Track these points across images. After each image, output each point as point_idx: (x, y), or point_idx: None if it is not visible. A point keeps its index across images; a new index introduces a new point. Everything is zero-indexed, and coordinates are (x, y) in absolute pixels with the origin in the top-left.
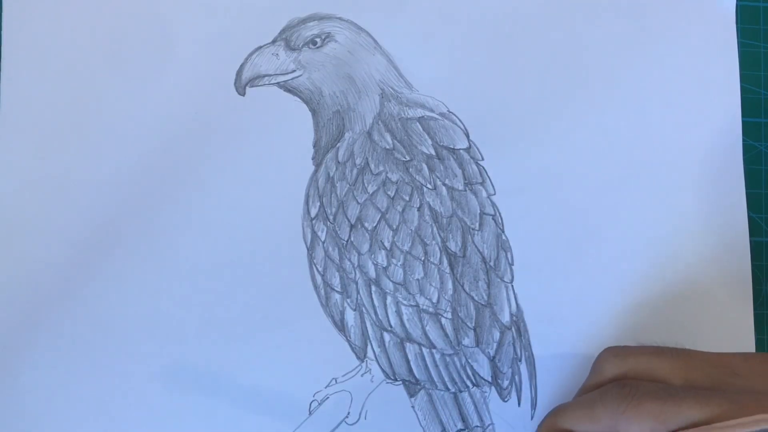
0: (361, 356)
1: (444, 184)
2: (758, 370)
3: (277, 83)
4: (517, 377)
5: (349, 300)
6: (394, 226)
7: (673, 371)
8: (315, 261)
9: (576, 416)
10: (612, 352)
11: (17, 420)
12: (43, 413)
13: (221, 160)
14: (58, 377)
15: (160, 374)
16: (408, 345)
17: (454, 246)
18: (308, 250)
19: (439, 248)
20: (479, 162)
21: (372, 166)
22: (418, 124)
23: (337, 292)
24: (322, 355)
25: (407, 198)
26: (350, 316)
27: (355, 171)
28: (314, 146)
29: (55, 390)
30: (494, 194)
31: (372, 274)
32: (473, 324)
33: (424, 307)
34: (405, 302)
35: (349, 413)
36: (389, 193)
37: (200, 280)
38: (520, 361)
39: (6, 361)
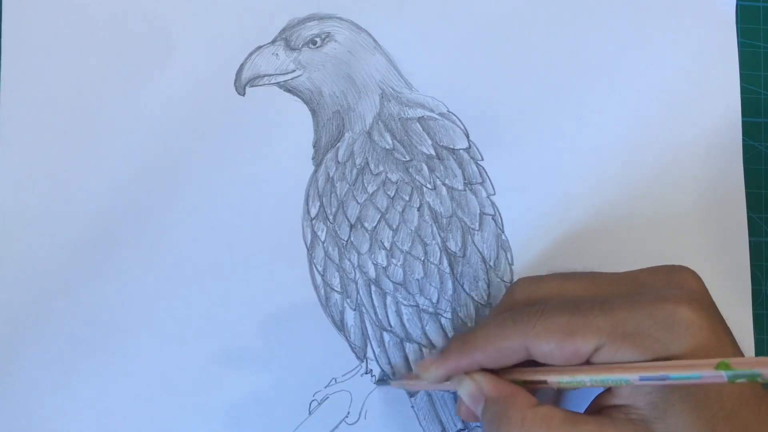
0: (361, 356)
1: (444, 184)
2: (664, 280)
3: (277, 83)
4: None
5: (348, 300)
6: (394, 226)
7: (583, 291)
8: (315, 261)
9: (486, 335)
10: (524, 280)
11: (17, 420)
12: (42, 413)
13: (221, 160)
14: (58, 377)
15: (160, 374)
16: (408, 345)
17: (454, 246)
18: (308, 250)
19: (439, 248)
20: (479, 162)
21: (372, 166)
22: (418, 124)
23: (336, 292)
24: (322, 355)
25: (407, 198)
26: (350, 316)
27: (354, 171)
28: (314, 146)
29: (55, 390)
30: (494, 194)
31: (372, 274)
32: (473, 324)
33: (424, 307)
34: (405, 302)
35: (349, 413)
36: (389, 193)
37: (200, 280)
38: None
39: (6, 360)
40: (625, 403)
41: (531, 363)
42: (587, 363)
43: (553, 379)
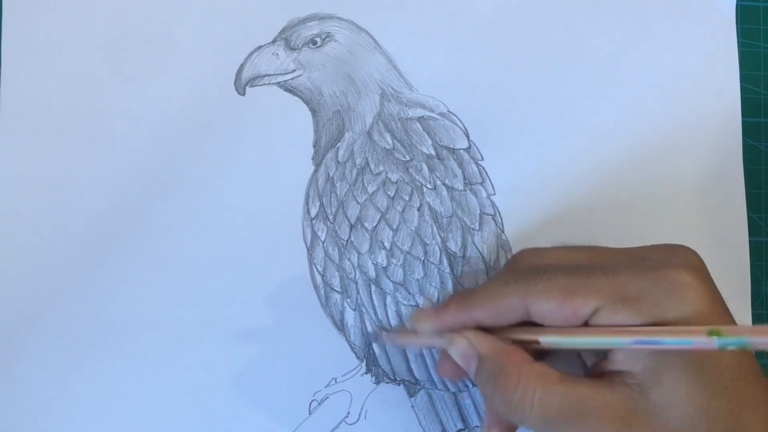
0: (361, 356)
1: (444, 184)
2: (665, 254)
3: (277, 83)
4: None
5: (348, 300)
6: (394, 226)
7: (586, 260)
8: (315, 261)
9: (487, 292)
10: (528, 250)
11: (16, 419)
12: (42, 413)
13: (221, 160)
14: (58, 377)
15: (160, 374)
16: None
17: (454, 246)
18: (308, 250)
19: (439, 248)
20: (479, 162)
21: (372, 166)
22: (418, 124)
23: (336, 292)
24: (322, 355)
25: (407, 198)
26: (350, 316)
27: (355, 171)
28: (314, 146)
29: (55, 389)
30: (494, 194)
31: (372, 274)
32: None
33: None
34: (405, 302)
35: (349, 413)
36: (389, 193)
37: (200, 280)
38: None
39: (5, 360)
40: (622, 368)
41: (525, 325)
42: (584, 325)
43: (546, 339)
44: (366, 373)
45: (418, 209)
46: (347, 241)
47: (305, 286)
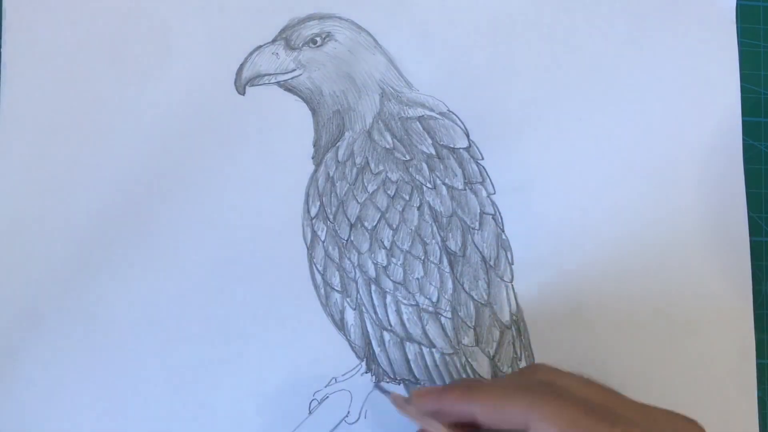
0: (361, 356)
1: (444, 184)
2: (680, 427)
3: (277, 82)
4: None
5: (348, 299)
6: (394, 226)
7: (598, 400)
8: (315, 260)
9: (493, 392)
10: (545, 366)
11: (17, 418)
12: (42, 412)
13: (221, 160)
14: (58, 376)
15: (160, 374)
16: (408, 344)
17: (453, 245)
18: (308, 249)
19: (439, 247)
20: (479, 161)
21: (372, 165)
22: (418, 123)
23: (336, 291)
24: (322, 355)
25: (407, 197)
26: (350, 316)
27: (355, 170)
28: (314, 146)
29: (55, 389)
30: (494, 193)
31: (372, 273)
32: (473, 323)
33: (424, 307)
34: (405, 301)
35: (349, 412)
36: (389, 192)
37: (200, 280)
38: (520, 360)
39: (6, 360)
40: None
41: None
42: None
43: None
44: (366, 373)
45: (418, 208)
46: (347, 240)
47: (305, 285)
